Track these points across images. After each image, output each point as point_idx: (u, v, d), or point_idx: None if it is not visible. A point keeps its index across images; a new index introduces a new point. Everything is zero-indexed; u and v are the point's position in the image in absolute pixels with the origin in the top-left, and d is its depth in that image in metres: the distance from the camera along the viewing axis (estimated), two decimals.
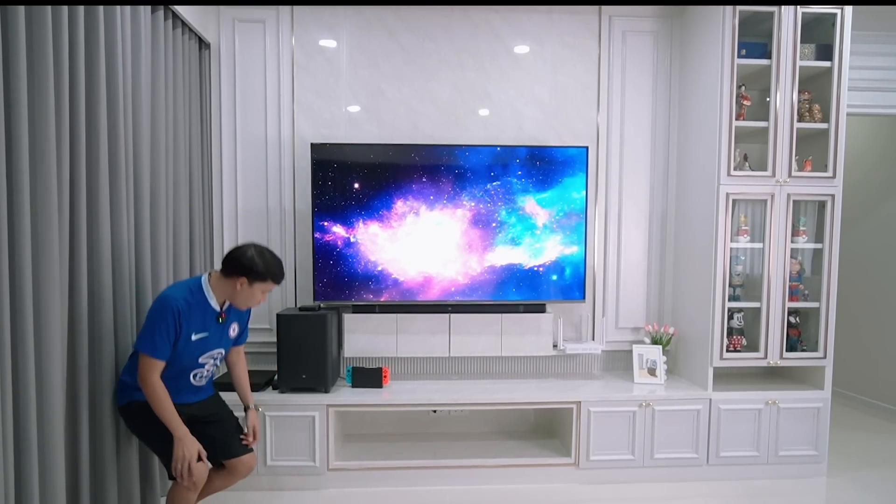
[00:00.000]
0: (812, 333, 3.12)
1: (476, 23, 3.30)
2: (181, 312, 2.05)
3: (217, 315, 2.17)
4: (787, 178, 2.97)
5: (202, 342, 2.15)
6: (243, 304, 2.19)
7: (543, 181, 3.15)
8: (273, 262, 2.17)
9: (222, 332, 2.22)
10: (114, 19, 2.19)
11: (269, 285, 2.17)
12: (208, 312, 2.15)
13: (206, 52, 3.17)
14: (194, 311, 2.10)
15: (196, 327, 2.11)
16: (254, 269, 2.10)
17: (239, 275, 2.11)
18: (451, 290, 3.15)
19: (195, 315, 2.10)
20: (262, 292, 2.17)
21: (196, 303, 2.11)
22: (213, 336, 2.19)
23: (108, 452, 2.20)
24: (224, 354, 2.30)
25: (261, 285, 2.15)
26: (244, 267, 2.10)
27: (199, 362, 2.18)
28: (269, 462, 2.86)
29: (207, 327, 2.15)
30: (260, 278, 2.12)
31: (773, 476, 3.05)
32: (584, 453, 2.97)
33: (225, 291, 2.16)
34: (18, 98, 1.70)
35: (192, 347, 2.11)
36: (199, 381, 2.22)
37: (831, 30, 2.96)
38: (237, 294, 2.14)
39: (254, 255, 2.11)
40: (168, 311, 2.02)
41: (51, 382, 1.84)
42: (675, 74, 3.37)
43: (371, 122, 3.30)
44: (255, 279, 2.12)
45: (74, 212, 2.02)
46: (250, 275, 2.11)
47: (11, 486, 1.70)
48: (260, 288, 2.15)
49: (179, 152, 2.82)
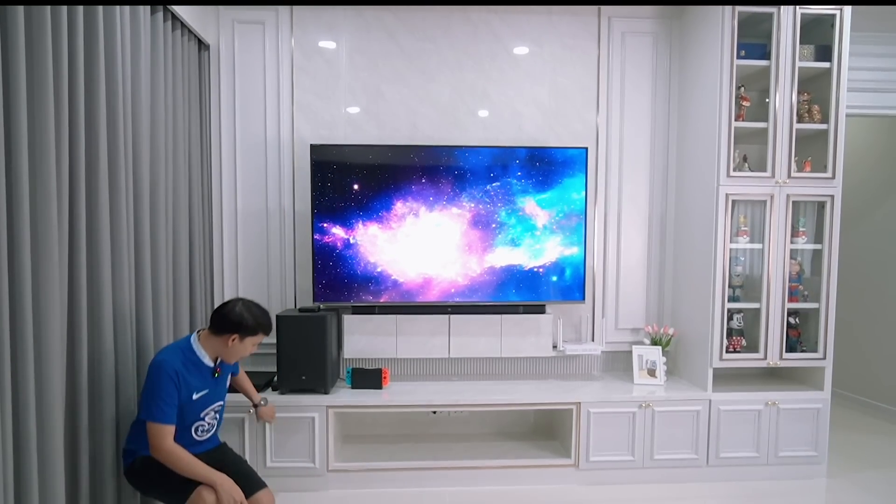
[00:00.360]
0: (812, 334, 3.12)
1: (475, 24, 3.30)
2: (179, 374, 2.07)
3: (212, 371, 2.21)
4: (787, 178, 2.97)
5: (203, 399, 2.19)
6: (234, 358, 2.22)
7: (543, 182, 3.15)
8: (261, 314, 2.21)
9: (219, 385, 2.27)
10: (113, 20, 2.19)
11: (259, 338, 2.22)
12: (204, 370, 2.18)
13: (205, 54, 3.18)
14: (191, 371, 2.12)
15: (196, 386, 2.14)
16: (244, 324, 2.14)
17: (230, 332, 2.14)
18: (451, 291, 3.15)
19: (193, 375, 2.13)
20: (253, 345, 2.22)
21: (191, 363, 2.14)
22: (212, 391, 2.23)
23: (107, 453, 2.20)
24: (224, 405, 2.34)
25: (252, 339, 2.20)
26: (234, 324, 2.14)
27: (201, 416, 2.21)
28: (269, 463, 2.86)
29: (206, 384, 2.19)
30: (251, 332, 2.17)
31: (772, 477, 3.05)
32: (584, 454, 2.97)
33: (216, 348, 2.19)
34: (18, 99, 1.70)
35: (194, 406, 2.15)
36: (201, 436, 2.23)
37: (830, 30, 2.96)
38: (229, 350, 2.18)
39: (242, 310, 2.15)
40: (166, 374, 2.03)
41: (50, 383, 1.84)
42: (674, 75, 3.37)
43: (371, 124, 3.30)
44: (246, 334, 2.16)
45: (74, 213, 2.02)
46: (241, 331, 2.15)
47: (11, 488, 1.69)
48: (251, 342, 2.20)
49: (179, 153, 2.82)
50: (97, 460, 2.18)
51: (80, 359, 2.06)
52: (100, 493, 2.19)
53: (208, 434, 2.26)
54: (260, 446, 2.86)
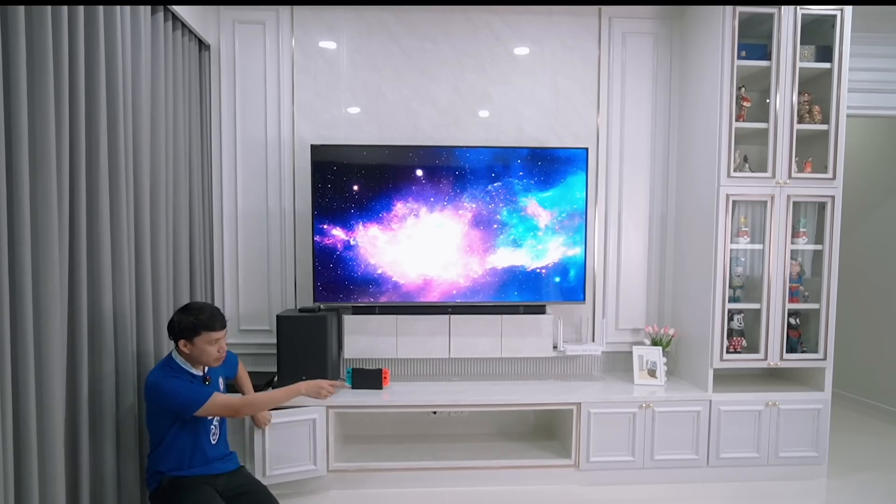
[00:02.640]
0: (812, 335, 3.12)
1: (476, 24, 3.30)
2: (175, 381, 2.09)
3: (202, 378, 2.21)
4: (787, 179, 2.97)
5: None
6: (202, 360, 2.15)
7: (543, 183, 3.15)
8: (200, 311, 2.12)
9: (216, 387, 2.26)
10: (113, 20, 2.19)
11: (209, 336, 2.11)
12: (194, 379, 2.17)
13: (205, 54, 3.18)
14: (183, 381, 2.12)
15: None
16: (182, 327, 2.09)
17: (178, 339, 2.12)
18: (452, 292, 3.15)
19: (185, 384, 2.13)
20: (210, 344, 2.12)
21: (180, 375, 2.14)
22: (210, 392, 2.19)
23: (108, 454, 2.20)
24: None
25: (200, 339, 2.10)
26: (175, 331, 2.12)
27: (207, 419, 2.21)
28: (269, 464, 2.84)
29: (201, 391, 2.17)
30: (193, 333, 2.09)
31: (773, 477, 3.04)
32: (584, 455, 2.97)
33: (189, 358, 2.15)
34: (18, 99, 1.70)
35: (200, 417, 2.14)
36: (215, 440, 2.25)
37: (831, 31, 2.96)
38: (193, 357, 2.13)
39: (177, 315, 2.12)
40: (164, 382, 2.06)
41: (51, 383, 1.84)
42: (674, 76, 3.37)
43: (371, 124, 3.30)
44: (190, 336, 2.10)
45: (74, 213, 2.02)
46: (182, 335, 2.10)
47: (11, 489, 1.69)
48: (203, 341, 2.10)
49: (179, 153, 2.82)
50: (97, 461, 2.18)
51: (80, 359, 2.06)
52: (100, 493, 2.19)
53: (218, 438, 2.27)
54: (260, 447, 2.85)
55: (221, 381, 2.35)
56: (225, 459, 2.28)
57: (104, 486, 2.19)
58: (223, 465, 2.26)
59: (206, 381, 2.22)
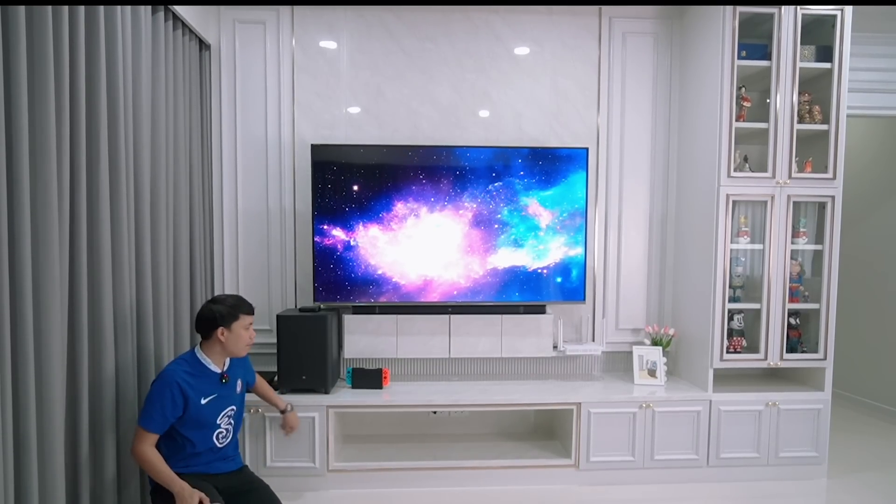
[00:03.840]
0: (812, 335, 3.12)
1: (476, 24, 3.30)
2: (181, 383, 2.12)
3: (220, 376, 2.26)
4: (788, 179, 2.97)
5: (214, 403, 2.22)
6: (240, 349, 2.26)
7: (544, 183, 3.15)
8: (231, 299, 2.27)
9: (230, 390, 2.31)
10: (114, 20, 2.19)
11: (245, 320, 2.25)
12: (210, 376, 2.23)
13: (206, 53, 3.18)
14: (198, 377, 2.18)
15: (204, 391, 2.19)
16: (220, 314, 2.20)
17: (214, 328, 2.20)
18: (452, 293, 3.15)
19: (199, 382, 2.18)
20: (244, 329, 2.25)
21: (196, 371, 2.19)
22: (222, 396, 2.26)
23: (107, 454, 2.20)
24: (238, 410, 2.36)
25: (238, 323, 2.23)
26: (212, 320, 2.20)
27: (217, 423, 2.24)
28: (269, 463, 2.86)
29: (214, 390, 2.23)
30: (232, 318, 2.21)
31: (773, 477, 3.04)
32: (584, 454, 2.97)
33: (217, 351, 2.24)
34: (19, 99, 1.70)
35: (205, 411, 2.18)
36: (222, 443, 2.26)
37: (831, 31, 2.96)
38: (227, 345, 2.22)
39: (210, 306, 2.23)
40: (167, 385, 2.09)
41: (51, 383, 1.84)
42: (675, 76, 3.37)
43: (371, 124, 3.30)
44: (228, 322, 2.21)
45: (74, 212, 2.02)
46: (222, 321, 2.20)
47: (11, 489, 1.69)
48: (239, 326, 2.23)
49: (180, 153, 2.82)
50: (97, 461, 2.18)
51: (80, 359, 2.06)
52: (99, 493, 2.19)
53: (228, 440, 2.28)
54: (260, 446, 2.86)
55: (240, 383, 2.39)
56: (227, 459, 2.29)
57: (104, 486, 2.19)
58: (224, 465, 2.27)
59: (223, 379, 2.26)
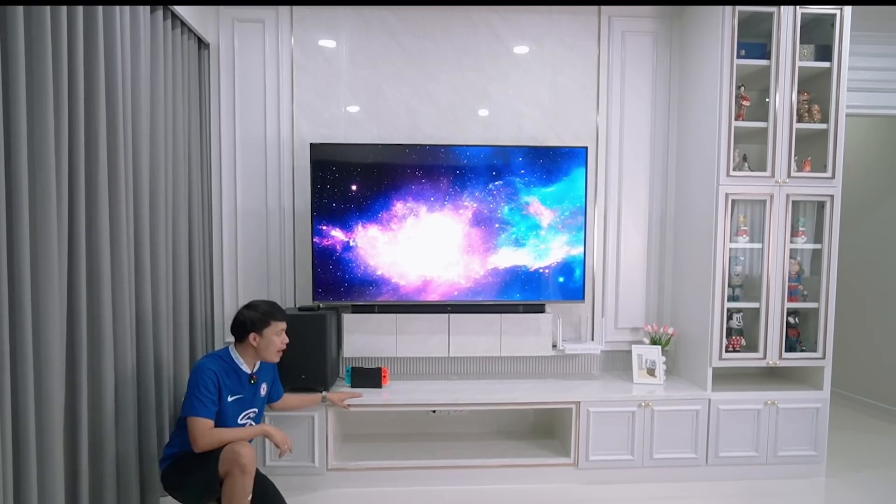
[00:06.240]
0: (811, 334, 3.12)
1: (476, 23, 3.30)
2: (217, 374, 2.21)
3: (249, 377, 2.34)
4: (787, 178, 2.97)
5: (238, 403, 2.30)
6: (271, 354, 2.35)
7: (543, 182, 3.15)
8: (264, 305, 2.36)
9: (255, 392, 2.38)
10: (113, 19, 2.19)
11: (277, 326, 2.34)
12: (241, 375, 2.32)
13: (205, 52, 3.17)
14: (228, 374, 2.27)
15: (231, 390, 2.27)
16: (252, 320, 2.30)
17: (246, 333, 2.30)
18: (453, 293, 3.15)
19: (229, 378, 2.27)
20: (276, 335, 2.34)
21: (228, 368, 2.30)
22: (247, 396, 2.35)
23: (107, 454, 2.20)
24: (258, 413, 2.43)
25: (270, 330, 2.32)
26: (245, 325, 2.30)
27: (239, 423, 2.31)
28: (268, 462, 2.86)
29: (242, 389, 2.31)
30: (264, 324, 2.31)
31: (772, 476, 3.05)
32: (584, 453, 2.97)
33: (250, 354, 2.34)
34: (17, 98, 1.70)
35: (229, 409, 2.26)
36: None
37: (830, 30, 2.96)
38: (259, 350, 2.32)
39: (245, 311, 2.33)
40: (204, 374, 2.18)
41: (50, 383, 1.84)
42: (674, 75, 3.37)
43: (371, 123, 3.30)
44: (261, 328, 2.30)
45: (73, 212, 2.02)
46: (254, 327, 2.29)
47: (10, 489, 1.69)
48: (272, 332, 2.32)
49: (179, 152, 2.82)
50: (97, 461, 2.18)
51: (79, 358, 2.06)
52: (99, 492, 2.19)
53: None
54: (260, 445, 2.86)
55: (265, 387, 2.45)
56: None
57: (104, 486, 2.19)
58: None
59: (252, 379, 2.34)
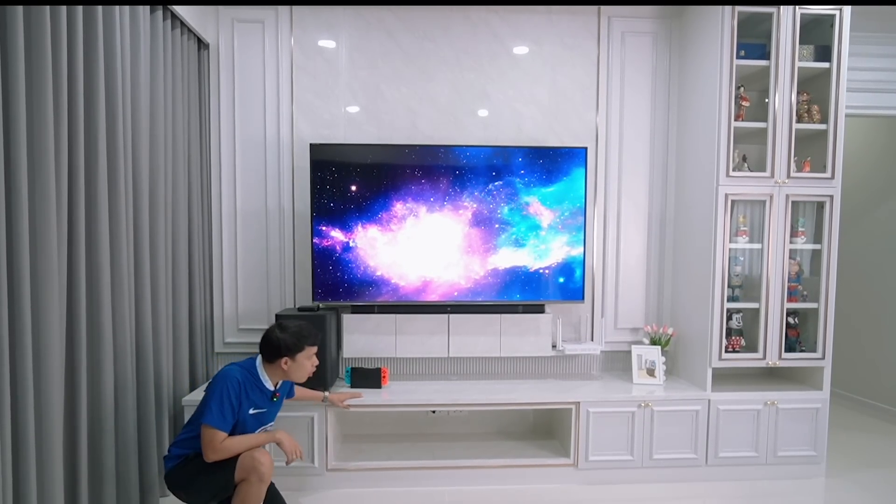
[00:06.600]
0: (811, 334, 3.12)
1: (475, 23, 3.30)
2: (241, 385, 2.16)
3: (272, 394, 2.31)
4: (786, 178, 2.97)
5: (258, 417, 2.27)
6: (299, 377, 2.32)
7: (543, 182, 3.15)
8: (297, 329, 2.29)
9: (275, 407, 2.37)
10: (112, 19, 2.19)
11: (309, 351, 2.31)
12: (264, 391, 2.28)
13: (205, 53, 3.17)
14: (251, 388, 2.23)
15: (254, 403, 2.24)
16: (286, 345, 2.24)
17: (278, 357, 2.25)
18: (453, 294, 3.15)
19: (252, 392, 2.23)
20: (308, 359, 2.31)
21: (253, 381, 2.24)
22: (269, 412, 2.32)
23: (107, 454, 2.20)
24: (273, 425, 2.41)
25: (303, 354, 2.28)
26: (278, 349, 2.24)
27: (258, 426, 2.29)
28: None
29: (264, 404, 2.28)
30: (297, 350, 2.26)
31: (771, 476, 3.05)
32: (583, 454, 2.97)
33: (276, 374, 2.30)
34: (17, 98, 1.70)
35: (249, 422, 2.22)
36: None
37: (830, 31, 2.96)
38: (290, 373, 2.29)
39: (278, 334, 2.25)
40: (230, 384, 2.14)
41: (49, 384, 1.84)
42: (673, 75, 3.37)
43: (370, 123, 3.30)
44: (294, 353, 2.26)
45: (73, 212, 2.02)
46: (287, 353, 2.25)
47: (10, 489, 1.69)
48: (304, 357, 2.29)
49: (178, 152, 2.82)
50: (96, 462, 2.18)
51: (79, 359, 2.06)
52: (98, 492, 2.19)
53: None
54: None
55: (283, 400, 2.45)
56: None
57: (103, 486, 2.19)
58: None
59: (274, 397, 2.31)
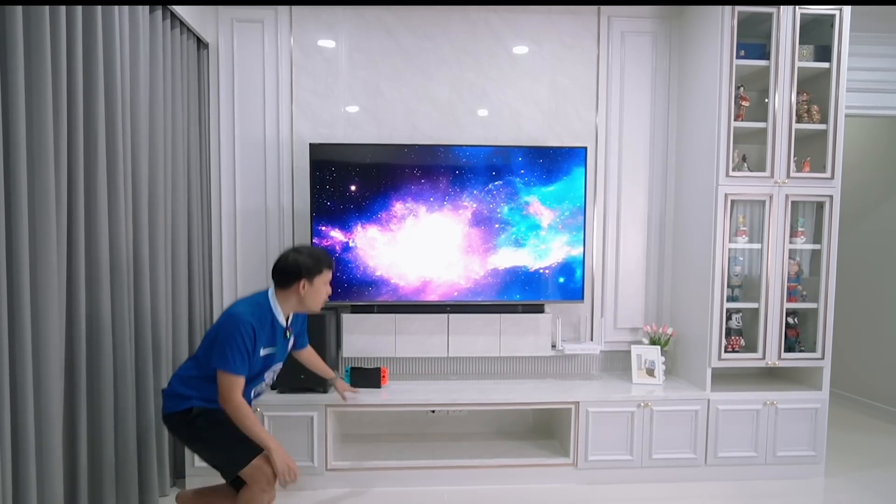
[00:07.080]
0: (810, 334, 3.12)
1: (475, 23, 3.30)
2: (254, 329, 2.03)
3: (284, 330, 2.20)
4: (786, 178, 2.97)
5: (269, 357, 2.16)
6: (314, 304, 2.20)
7: (543, 182, 3.15)
8: (317, 251, 2.22)
9: (286, 346, 2.26)
10: (112, 19, 2.19)
11: (327, 275, 2.20)
12: (277, 328, 2.16)
13: (204, 52, 3.17)
14: (264, 326, 2.10)
15: (265, 342, 2.12)
16: (306, 266, 2.13)
17: (295, 280, 2.13)
18: (453, 294, 3.15)
19: (265, 331, 2.11)
20: (325, 284, 2.21)
21: (265, 319, 2.11)
22: (279, 351, 2.22)
23: (106, 453, 2.20)
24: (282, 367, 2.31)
25: (320, 278, 2.18)
26: (296, 272, 2.13)
27: (263, 377, 2.20)
28: None
29: (275, 342, 2.17)
30: (316, 272, 2.16)
31: (771, 476, 3.05)
32: (583, 454, 2.97)
33: (290, 303, 2.18)
34: (16, 98, 1.70)
35: (259, 363, 2.11)
36: (256, 395, 2.24)
37: (830, 31, 2.96)
38: (305, 298, 2.16)
39: (297, 257, 2.15)
40: (243, 326, 2.00)
41: (49, 383, 1.84)
42: (673, 75, 3.37)
43: (370, 123, 3.30)
44: (312, 275, 2.15)
45: (72, 212, 2.02)
46: (306, 274, 2.13)
47: (10, 488, 1.69)
48: (321, 281, 2.18)
49: (178, 152, 2.82)
50: (96, 462, 2.18)
51: (78, 358, 2.06)
52: (98, 492, 2.19)
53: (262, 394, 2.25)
54: None
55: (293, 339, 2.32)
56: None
57: (103, 485, 2.19)
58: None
59: (287, 332, 2.20)
